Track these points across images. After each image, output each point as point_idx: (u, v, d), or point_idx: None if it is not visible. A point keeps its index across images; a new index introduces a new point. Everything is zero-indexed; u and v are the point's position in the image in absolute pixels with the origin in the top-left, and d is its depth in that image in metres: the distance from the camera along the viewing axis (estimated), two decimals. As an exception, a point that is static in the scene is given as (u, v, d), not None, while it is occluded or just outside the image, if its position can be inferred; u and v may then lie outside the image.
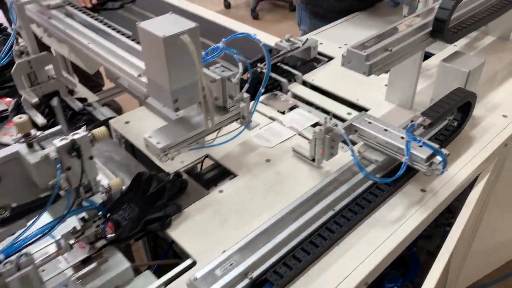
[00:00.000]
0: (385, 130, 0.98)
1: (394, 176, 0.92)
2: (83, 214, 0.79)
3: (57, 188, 0.69)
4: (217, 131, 1.00)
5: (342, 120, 1.18)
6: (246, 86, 0.98)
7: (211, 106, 0.92)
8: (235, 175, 1.05)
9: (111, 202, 0.95)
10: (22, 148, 0.71)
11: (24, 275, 0.69)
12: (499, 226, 1.54)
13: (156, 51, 0.82)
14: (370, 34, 1.06)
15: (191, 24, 0.82)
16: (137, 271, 0.88)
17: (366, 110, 1.26)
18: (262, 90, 1.01)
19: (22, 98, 1.24)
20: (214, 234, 0.90)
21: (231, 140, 1.06)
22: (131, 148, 1.18)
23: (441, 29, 1.09)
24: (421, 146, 0.91)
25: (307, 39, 1.48)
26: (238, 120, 1.04)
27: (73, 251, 0.84)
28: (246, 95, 1.02)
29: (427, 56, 1.52)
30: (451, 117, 1.13)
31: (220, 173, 1.10)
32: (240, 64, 0.95)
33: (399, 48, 1.05)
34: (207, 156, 1.12)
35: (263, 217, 0.90)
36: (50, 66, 1.28)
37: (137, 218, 0.91)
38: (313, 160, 1.04)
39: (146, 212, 0.93)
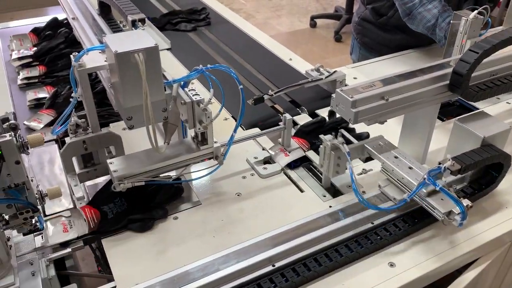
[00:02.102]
0: (404, 164, 0.93)
1: (391, 207, 0.90)
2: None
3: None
4: (184, 168, 0.96)
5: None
6: (217, 114, 0.93)
7: (170, 130, 0.88)
8: (198, 204, 1.00)
9: (107, 192, 0.97)
10: (-44, 141, 0.73)
11: None
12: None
13: (113, 65, 0.81)
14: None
15: (150, 43, 0.80)
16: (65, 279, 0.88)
17: (371, 159, 1.13)
18: (234, 134, 0.95)
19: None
20: (144, 262, 0.86)
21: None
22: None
23: (459, 84, 0.93)
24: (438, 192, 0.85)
25: (334, 72, 1.38)
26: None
27: (56, 234, 0.89)
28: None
29: (469, 109, 1.33)
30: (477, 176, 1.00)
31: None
32: (211, 91, 0.90)
33: (400, 98, 0.92)
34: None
35: (202, 256, 0.84)
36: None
37: (123, 215, 0.94)
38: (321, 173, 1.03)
39: (132, 210, 0.94)
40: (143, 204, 0.96)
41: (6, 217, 0.79)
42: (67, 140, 0.95)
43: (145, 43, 0.80)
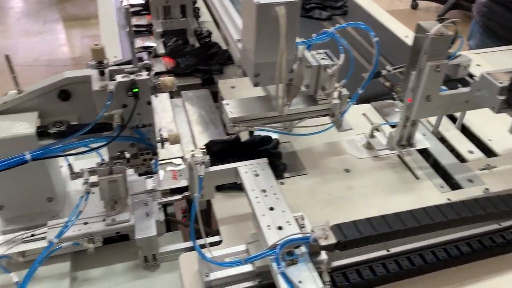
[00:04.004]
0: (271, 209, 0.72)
1: (228, 263, 0.69)
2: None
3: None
4: (299, 121, 0.92)
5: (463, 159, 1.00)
6: (343, 81, 0.87)
7: (293, 92, 0.85)
8: (305, 173, 0.96)
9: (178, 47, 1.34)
10: (94, 74, 0.74)
11: (112, 180, 0.76)
12: None
13: (250, 18, 0.78)
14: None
15: (293, -2, 0.75)
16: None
17: (495, 155, 1.03)
18: (360, 91, 0.89)
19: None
20: (249, 223, 0.84)
21: (319, 136, 0.97)
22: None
23: None
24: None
25: (458, 55, 1.26)
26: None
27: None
28: (344, 92, 0.91)
29: None
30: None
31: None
32: (341, 56, 0.85)
33: (556, 91, 0.81)
34: (288, 142, 1.05)
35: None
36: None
37: (191, 66, 1.28)
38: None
39: (200, 62, 1.28)
40: (206, 61, 1.29)
41: (128, 155, 0.80)
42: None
43: (287, -3, 0.75)
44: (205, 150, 0.77)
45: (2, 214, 0.78)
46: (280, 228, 0.69)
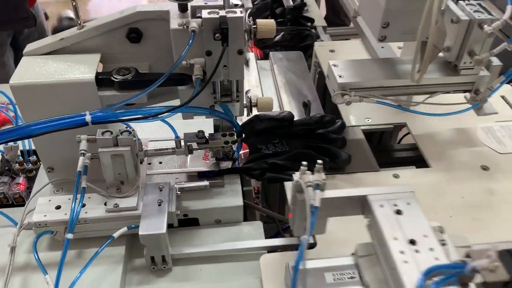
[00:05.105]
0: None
1: None
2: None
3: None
4: (429, 95, 0.69)
5: None
6: (504, 45, 0.63)
7: (430, 55, 0.62)
8: (427, 166, 0.74)
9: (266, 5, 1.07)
10: (174, 9, 0.56)
11: (118, 153, 0.58)
12: None
13: None
14: None
15: None
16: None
17: None
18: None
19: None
20: (354, 225, 0.63)
21: (444, 119, 0.75)
22: (318, 80, 0.97)
23: None
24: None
25: None
26: (467, 94, 0.71)
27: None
28: (496, 61, 0.67)
29: None
30: None
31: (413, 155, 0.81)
32: (508, 8, 0.60)
33: None
34: (403, 126, 0.82)
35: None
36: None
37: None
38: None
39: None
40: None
41: (207, 134, 0.63)
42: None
43: None
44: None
45: (51, 177, 0.64)
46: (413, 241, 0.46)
